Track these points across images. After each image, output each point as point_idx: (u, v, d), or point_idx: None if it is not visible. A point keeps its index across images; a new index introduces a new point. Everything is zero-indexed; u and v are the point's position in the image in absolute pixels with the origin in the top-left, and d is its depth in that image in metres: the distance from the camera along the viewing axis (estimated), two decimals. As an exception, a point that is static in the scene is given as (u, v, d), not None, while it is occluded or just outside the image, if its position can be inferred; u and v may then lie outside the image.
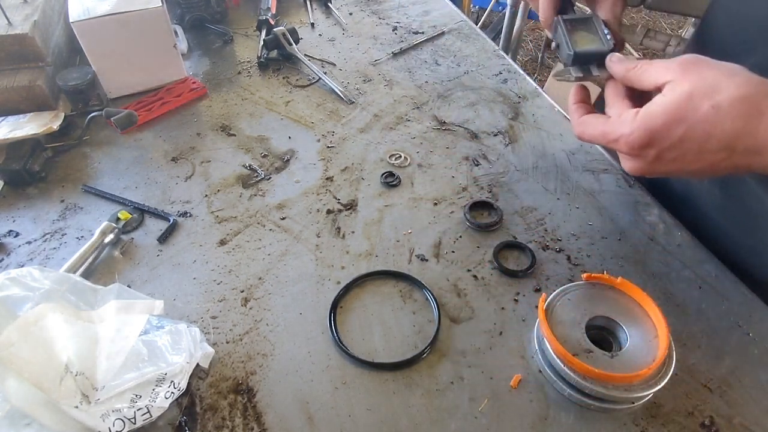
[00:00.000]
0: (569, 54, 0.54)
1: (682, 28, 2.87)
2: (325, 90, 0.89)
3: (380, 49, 0.99)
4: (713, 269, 0.60)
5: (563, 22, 0.56)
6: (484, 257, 0.62)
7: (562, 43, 0.55)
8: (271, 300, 0.58)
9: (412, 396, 0.50)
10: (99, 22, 0.77)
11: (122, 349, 0.47)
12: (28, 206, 0.69)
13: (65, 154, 0.76)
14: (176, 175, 0.73)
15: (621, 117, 0.47)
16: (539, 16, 0.59)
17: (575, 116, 0.54)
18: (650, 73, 0.46)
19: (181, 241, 0.64)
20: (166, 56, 0.85)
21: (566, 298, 0.53)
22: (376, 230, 0.65)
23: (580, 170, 0.73)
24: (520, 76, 0.91)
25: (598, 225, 0.65)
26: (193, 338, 0.50)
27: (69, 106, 0.82)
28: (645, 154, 0.46)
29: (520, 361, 0.52)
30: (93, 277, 0.60)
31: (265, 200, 0.70)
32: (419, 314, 0.56)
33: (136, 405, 0.45)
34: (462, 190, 0.70)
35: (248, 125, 0.81)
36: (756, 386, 0.50)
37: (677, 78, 0.44)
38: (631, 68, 0.48)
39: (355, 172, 0.74)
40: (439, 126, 0.81)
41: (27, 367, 0.42)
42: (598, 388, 0.46)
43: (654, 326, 0.50)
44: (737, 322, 0.55)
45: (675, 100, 0.43)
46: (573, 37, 0.55)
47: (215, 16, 1.05)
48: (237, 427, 0.48)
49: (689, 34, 2.46)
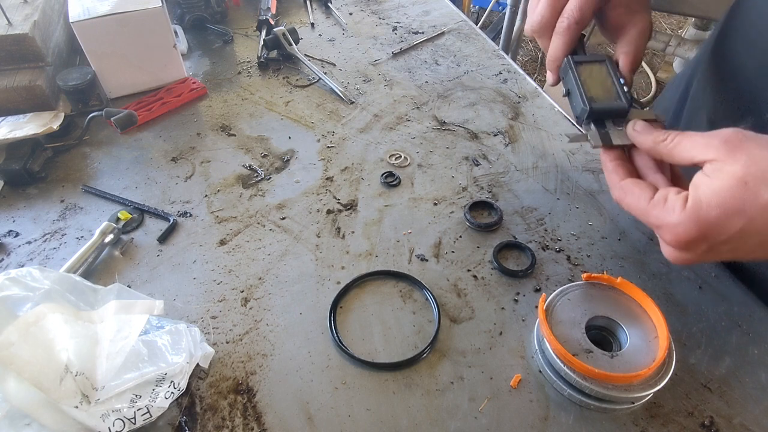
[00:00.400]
0: (584, 109, 0.48)
1: (682, 28, 2.87)
2: (325, 90, 0.89)
3: (380, 49, 0.99)
4: (713, 269, 0.60)
5: (574, 66, 0.50)
6: (484, 257, 0.62)
7: (575, 93, 0.49)
8: (271, 300, 0.58)
9: (412, 396, 0.50)
10: (99, 22, 0.77)
11: (122, 349, 0.47)
12: (28, 206, 0.69)
13: (65, 154, 0.76)
14: (176, 175, 0.73)
15: (667, 202, 0.42)
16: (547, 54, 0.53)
17: (614, 178, 0.47)
18: (686, 148, 0.41)
19: (181, 241, 0.64)
20: (166, 56, 0.85)
21: (566, 298, 0.53)
22: (376, 230, 0.65)
23: (580, 170, 0.73)
24: (520, 76, 0.91)
25: (598, 225, 0.65)
26: (193, 338, 0.50)
27: (69, 106, 0.82)
28: (694, 248, 0.41)
29: (520, 361, 0.52)
30: (93, 277, 0.60)
31: (265, 200, 0.70)
32: (419, 314, 0.56)
33: (136, 405, 0.45)
34: (462, 190, 0.70)
35: (248, 125, 0.82)
36: (756, 386, 0.50)
37: (722, 158, 0.39)
38: (661, 141, 0.43)
39: (355, 172, 0.74)
40: (439, 126, 0.81)
41: (27, 367, 0.42)
42: (598, 388, 0.46)
43: (654, 326, 0.50)
44: (737, 322, 0.55)
45: (728, 187, 0.38)
46: (586, 86, 0.49)
47: (215, 16, 1.05)
48: (237, 427, 0.48)
49: (689, 34, 2.46)
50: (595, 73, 0.50)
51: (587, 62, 0.50)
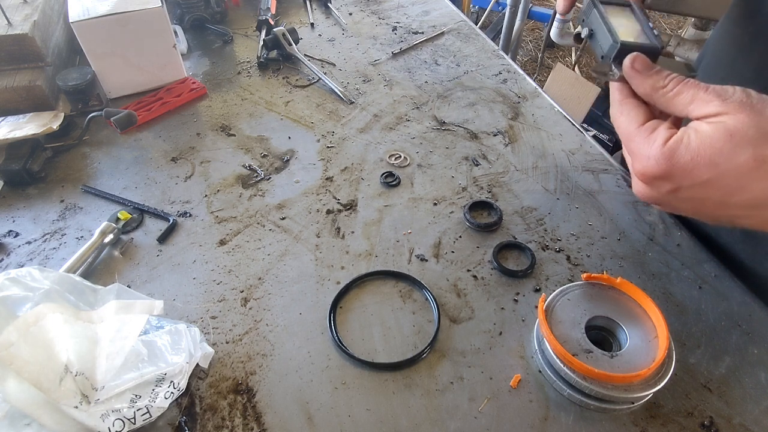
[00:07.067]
0: (614, 45, 0.44)
1: (681, 28, 2.87)
2: (324, 90, 0.89)
3: (380, 49, 0.99)
4: (713, 269, 0.60)
5: (600, 4, 0.46)
6: (483, 257, 0.62)
7: (601, 31, 0.45)
8: (271, 300, 0.58)
9: (412, 396, 0.50)
10: (99, 22, 0.77)
11: (122, 349, 0.47)
12: (28, 206, 0.69)
13: (65, 154, 0.76)
14: (176, 175, 0.73)
15: (653, 133, 0.40)
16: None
17: (616, 95, 0.44)
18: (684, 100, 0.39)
19: (181, 241, 0.64)
20: (165, 56, 0.85)
21: (566, 298, 0.53)
22: (375, 230, 0.65)
23: (580, 170, 0.73)
24: (520, 76, 0.91)
25: (598, 225, 0.65)
26: (193, 338, 0.50)
27: (69, 106, 0.82)
28: (657, 185, 0.40)
29: (519, 361, 0.52)
30: (93, 277, 0.60)
31: (264, 200, 0.69)
32: (419, 314, 0.56)
33: (135, 405, 0.45)
34: (462, 190, 0.70)
35: (248, 125, 0.81)
36: (756, 386, 0.50)
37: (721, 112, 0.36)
38: (660, 88, 0.40)
39: (354, 172, 0.74)
40: (438, 126, 0.81)
41: (27, 367, 0.42)
42: (597, 388, 0.46)
43: (654, 326, 0.50)
44: (737, 322, 0.55)
45: (713, 136, 0.36)
46: (614, 24, 0.45)
47: (215, 16, 1.05)
48: (237, 427, 0.48)
49: (689, 34, 2.46)
50: (622, 15, 0.47)
51: (613, 3, 0.47)
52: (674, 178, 0.38)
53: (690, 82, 0.39)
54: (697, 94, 0.38)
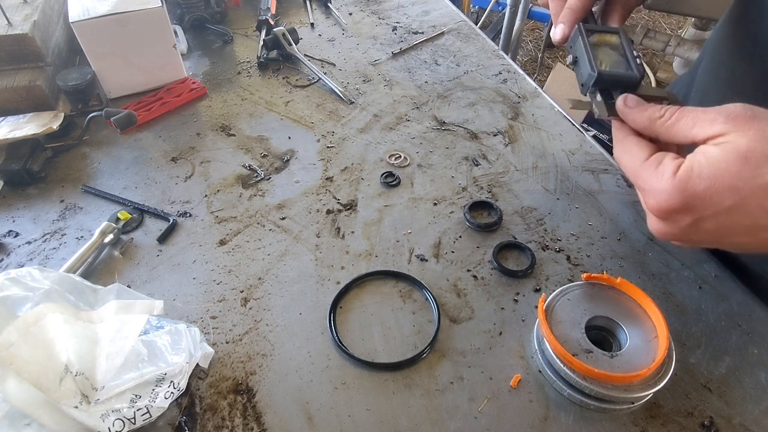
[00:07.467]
0: (591, 75, 0.44)
1: (681, 28, 2.87)
2: (324, 90, 0.89)
3: (380, 49, 0.99)
4: (713, 269, 0.60)
5: (585, 33, 0.47)
6: (483, 257, 0.62)
7: (582, 60, 0.46)
8: (271, 300, 0.58)
9: (412, 396, 0.50)
10: (98, 22, 0.77)
11: (122, 349, 0.47)
12: (28, 206, 0.69)
13: (65, 154, 0.76)
14: (176, 175, 0.73)
15: (660, 166, 0.38)
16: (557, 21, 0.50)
17: (618, 134, 0.43)
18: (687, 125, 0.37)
19: (181, 241, 0.64)
20: (165, 56, 0.85)
21: (566, 298, 0.53)
22: (375, 230, 0.65)
23: (580, 170, 0.73)
24: (520, 76, 0.91)
25: (598, 225, 0.65)
26: (193, 338, 0.50)
27: (69, 106, 0.82)
28: (676, 219, 0.38)
29: (519, 361, 0.52)
30: (93, 277, 0.60)
31: (264, 200, 0.69)
32: (419, 314, 0.56)
33: (135, 405, 0.45)
34: (462, 190, 0.70)
35: (248, 125, 0.81)
36: (756, 386, 0.50)
37: (728, 131, 0.35)
38: (658, 118, 0.39)
39: (354, 172, 0.74)
40: (438, 126, 0.81)
41: (27, 367, 0.42)
42: (597, 388, 0.46)
43: (654, 326, 0.50)
44: (737, 322, 0.55)
45: (726, 159, 0.34)
46: (595, 53, 0.46)
47: (215, 16, 1.05)
48: (237, 427, 0.48)
49: (689, 34, 2.46)
50: (605, 42, 0.47)
51: (598, 31, 0.48)
52: (695, 209, 0.36)
53: (687, 108, 0.39)
54: (698, 117, 0.37)
